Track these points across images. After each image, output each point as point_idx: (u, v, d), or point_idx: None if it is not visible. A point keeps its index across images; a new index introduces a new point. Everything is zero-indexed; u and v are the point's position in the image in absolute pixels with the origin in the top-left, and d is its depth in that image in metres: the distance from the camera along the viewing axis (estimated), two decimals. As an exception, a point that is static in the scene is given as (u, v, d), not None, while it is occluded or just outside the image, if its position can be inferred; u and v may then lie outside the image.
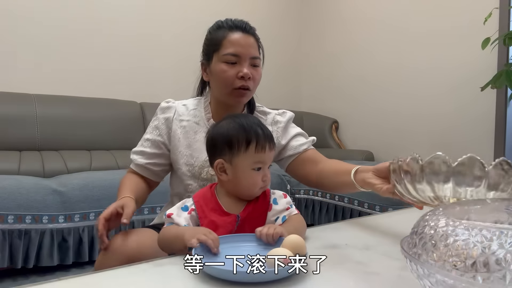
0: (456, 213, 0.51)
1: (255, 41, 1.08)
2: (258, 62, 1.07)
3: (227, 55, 1.04)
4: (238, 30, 1.05)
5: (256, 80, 1.08)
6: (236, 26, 1.06)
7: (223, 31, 1.06)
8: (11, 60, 2.52)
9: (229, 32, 1.05)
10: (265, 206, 0.89)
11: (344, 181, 1.00)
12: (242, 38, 1.05)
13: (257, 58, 1.07)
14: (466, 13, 2.67)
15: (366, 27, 3.37)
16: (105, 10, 2.83)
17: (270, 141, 0.87)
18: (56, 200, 1.74)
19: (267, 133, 0.87)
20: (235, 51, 1.03)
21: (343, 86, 3.57)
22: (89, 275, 0.67)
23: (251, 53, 1.05)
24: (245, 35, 1.05)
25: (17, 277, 1.72)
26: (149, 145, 1.13)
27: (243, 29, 1.06)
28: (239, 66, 1.04)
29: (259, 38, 1.11)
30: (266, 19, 3.67)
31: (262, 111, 1.19)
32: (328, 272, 0.67)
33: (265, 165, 0.87)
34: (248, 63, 1.05)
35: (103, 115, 2.60)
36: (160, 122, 1.13)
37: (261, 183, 0.86)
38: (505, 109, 2.50)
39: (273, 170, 2.44)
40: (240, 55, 1.04)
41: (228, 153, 0.85)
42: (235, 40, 1.04)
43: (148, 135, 1.14)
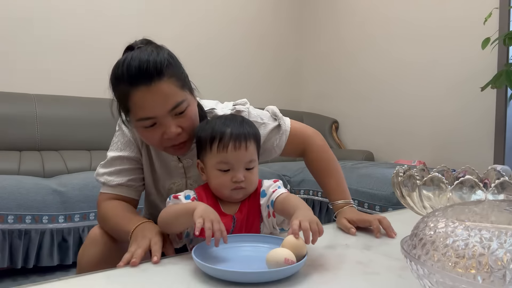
0: (456, 214, 0.51)
1: (168, 84, 0.83)
2: (182, 108, 0.85)
3: (141, 121, 0.85)
4: (140, 84, 0.81)
5: (191, 126, 0.89)
6: (136, 78, 0.81)
7: (124, 87, 0.83)
8: (11, 60, 2.52)
9: (130, 89, 0.82)
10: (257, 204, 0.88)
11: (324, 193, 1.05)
12: (148, 95, 0.81)
13: (179, 104, 0.84)
14: (466, 13, 2.67)
15: (366, 27, 3.37)
16: (105, 10, 2.83)
17: (237, 140, 0.81)
18: (56, 200, 1.74)
19: (236, 132, 0.82)
20: (147, 114, 0.83)
21: (343, 86, 3.57)
22: (89, 275, 0.67)
23: (167, 106, 0.83)
24: (151, 87, 0.81)
25: (17, 277, 1.72)
26: (124, 163, 0.98)
27: (146, 78, 0.81)
28: (161, 127, 0.85)
29: (175, 65, 0.86)
30: (265, 18, 3.67)
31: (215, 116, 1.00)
32: (328, 272, 0.67)
33: (234, 166, 0.82)
34: (169, 117, 0.85)
35: (103, 115, 2.59)
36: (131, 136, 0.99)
37: (231, 185, 0.82)
38: (505, 109, 2.50)
39: (273, 170, 2.47)
40: (155, 116, 0.83)
41: (200, 153, 0.87)
42: (141, 101, 0.82)
43: (119, 152, 0.99)
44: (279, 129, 1.05)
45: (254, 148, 0.86)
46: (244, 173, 0.83)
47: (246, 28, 3.54)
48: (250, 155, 0.84)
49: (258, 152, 0.89)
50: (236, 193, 0.84)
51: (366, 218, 0.92)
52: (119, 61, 0.86)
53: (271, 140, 1.04)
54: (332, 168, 1.07)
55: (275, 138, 1.05)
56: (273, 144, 1.05)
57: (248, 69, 3.56)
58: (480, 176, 0.99)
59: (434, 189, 0.87)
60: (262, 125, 1.03)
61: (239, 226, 0.85)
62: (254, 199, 0.89)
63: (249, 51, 3.56)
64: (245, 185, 0.84)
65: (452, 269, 0.43)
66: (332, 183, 1.04)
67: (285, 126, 1.06)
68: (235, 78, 3.43)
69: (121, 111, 0.90)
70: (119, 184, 0.98)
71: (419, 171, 1.00)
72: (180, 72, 0.88)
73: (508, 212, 0.50)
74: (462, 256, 0.43)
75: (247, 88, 3.45)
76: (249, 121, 0.90)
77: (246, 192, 0.86)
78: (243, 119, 0.89)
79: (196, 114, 0.92)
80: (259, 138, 0.89)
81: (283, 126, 1.06)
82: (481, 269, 0.41)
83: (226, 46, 3.39)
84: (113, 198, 0.98)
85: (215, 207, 0.85)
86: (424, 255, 0.47)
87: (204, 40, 3.22)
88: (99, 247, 0.92)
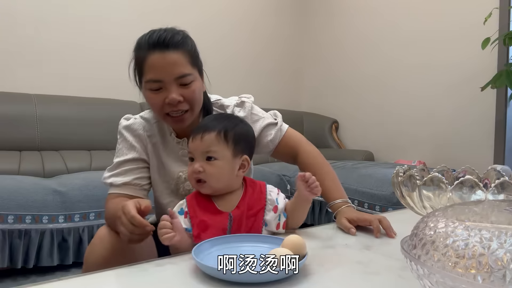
0: (456, 214, 0.51)
1: (181, 55, 0.93)
2: (188, 79, 0.93)
3: (149, 82, 0.93)
4: (156, 50, 0.91)
5: (192, 99, 0.96)
6: (154, 45, 0.92)
7: (142, 52, 0.94)
8: (11, 60, 2.52)
9: (147, 53, 0.92)
10: (261, 204, 0.89)
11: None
12: (162, 59, 0.91)
13: (185, 76, 0.93)
14: (466, 13, 2.67)
15: (366, 28, 3.37)
16: (105, 10, 2.83)
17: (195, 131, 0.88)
18: (56, 200, 1.74)
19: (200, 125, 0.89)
20: (156, 76, 0.92)
21: (343, 86, 3.57)
22: (89, 275, 0.67)
23: (175, 73, 0.92)
24: (166, 53, 0.91)
25: (17, 277, 1.72)
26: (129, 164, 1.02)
27: (163, 45, 0.91)
28: (165, 92, 0.93)
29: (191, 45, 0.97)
30: (264, 18, 3.67)
31: (221, 106, 1.10)
32: (328, 272, 0.67)
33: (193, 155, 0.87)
34: (175, 85, 0.92)
35: (103, 115, 2.60)
36: (133, 141, 1.04)
37: (192, 175, 0.86)
38: (505, 109, 2.50)
39: (273, 170, 2.47)
40: (162, 80, 0.92)
41: None
42: (154, 63, 0.92)
43: (124, 156, 1.02)
44: (275, 126, 1.11)
45: (214, 139, 0.86)
46: (202, 164, 0.85)
47: (249, 31, 3.54)
48: (205, 145, 0.86)
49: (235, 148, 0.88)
50: (201, 187, 0.87)
51: (367, 218, 0.92)
52: (145, 33, 0.96)
53: (266, 134, 1.09)
54: (326, 170, 1.08)
55: (269, 132, 1.09)
56: (268, 138, 1.09)
57: (249, 70, 3.56)
58: (480, 176, 0.99)
59: (434, 189, 0.87)
60: (261, 118, 1.10)
61: (237, 223, 0.85)
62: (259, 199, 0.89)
63: (251, 52, 3.57)
64: (205, 177, 0.85)
65: (452, 269, 0.43)
66: (328, 184, 1.04)
67: (281, 125, 1.12)
68: (236, 78, 3.43)
69: (136, 73, 0.98)
70: (124, 183, 1.00)
71: (419, 171, 1.00)
72: (194, 52, 0.98)
73: (508, 212, 0.50)
74: (462, 256, 0.43)
75: (248, 88, 3.44)
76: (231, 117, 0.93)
77: (211, 187, 0.86)
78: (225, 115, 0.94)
79: (201, 92, 0.99)
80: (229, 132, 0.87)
81: (279, 124, 1.12)
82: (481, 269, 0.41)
83: (229, 48, 3.39)
84: (119, 197, 0.99)
85: (209, 207, 0.85)
86: (424, 255, 0.47)
87: (206, 43, 3.19)
88: (107, 246, 0.92)
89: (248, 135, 0.94)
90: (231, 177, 0.88)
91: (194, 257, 0.65)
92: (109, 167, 1.04)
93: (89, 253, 0.94)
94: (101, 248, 0.92)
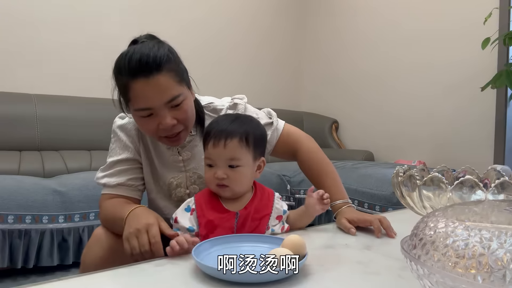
0: (456, 214, 0.51)
1: (166, 77, 0.87)
2: (178, 101, 0.89)
3: (139, 111, 0.89)
4: (139, 77, 0.85)
5: (186, 119, 0.93)
6: (136, 71, 0.85)
7: (124, 78, 0.88)
8: (11, 60, 2.52)
9: (130, 80, 0.86)
10: (268, 210, 0.89)
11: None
12: (147, 86, 0.85)
13: (175, 98, 0.88)
14: (466, 13, 2.67)
15: (366, 28, 3.37)
16: (105, 10, 2.83)
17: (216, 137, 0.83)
18: (56, 200, 1.74)
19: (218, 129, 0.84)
20: (144, 105, 0.87)
21: (343, 86, 3.57)
22: (89, 275, 0.67)
23: (164, 98, 0.87)
24: (150, 80, 0.85)
25: (17, 277, 1.72)
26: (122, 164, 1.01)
27: (145, 70, 0.85)
28: (157, 118, 0.89)
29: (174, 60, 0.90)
30: (266, 19, 3.66)
31: (213, 109, 1.06)
32: (328, 272, 0.67)
33: (216, 162, 0.84)
34: (166, 109, 0.88)
35: (103, 115, 2.59)
36: (127, 141, 1.02)
37: (214, 180, 0.84)
38: (505, 109, 2.50)
39: (273, 170, 2.47)
40: (153, 107, 0.87)
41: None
42: (140, 92, 0.86)
43: (117, 156, 1.01)
44: (271, 126, 1.09)
45: (237, 146, 0.84)
46: (226, 171, 0.84)
47: (247, 29, 3.54)
48: (230, 153, 0.84)
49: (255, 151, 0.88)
50: (222, 191, 0.85)
51: (367, 218, 0.92)
52: (122, 54, 0.90)
53: None
54: (326, 168, 1.07)
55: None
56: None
57: (249, 70, 3.56)
58: (480, 176, 0.99)
59: (434, 189, 0.87)
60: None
61: (242, 222, 0.85)
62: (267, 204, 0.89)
63: (249, 51, 3.56)
64: (228, 183, 0.84)
65: (452, 269, 0.43)
66: (328, 183, 1.04)
67: (277, 124, 1.10)
68: (236, 78, 3.43)
69: (121, 100, 0.94)
70: (118, 183, 0.99)
71: (419, 171, 1.00)
72: (179, 67, 0.92)
73: (508, 212, 0.50)
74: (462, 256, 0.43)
75: (248, 88, 3.44)
76: (245, 119, 0.90)
77: (233, 191, 0.86)
78: (238, 117, 0.90)
79: (192, 108, 0.95)
80: (250, 137, 0.86)
81: (275, 123, 1.10)
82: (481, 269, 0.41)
83: (227, 47, 3.39)
84: (113, 198, 0.99)
85: (217, 207, 0.86)
86: (424, 255, 0.47)
87: (204, 41, 3.22)
88: (104, 246, 0.92)
89: (265, 136, 0.94)
90: (251, 180, 0.89)
91: (194, 257, 0.65)
92: (102, 167, 1.03)
93: (86, 253, 0.95)
94: (98, 248, 0.92)
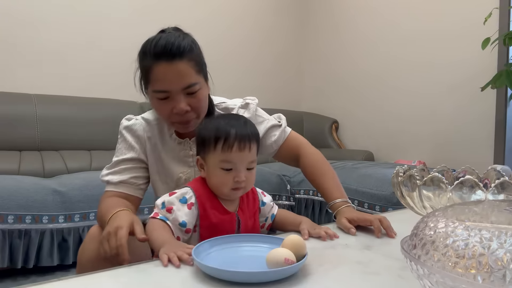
0: (456, 214, 0.51)
1: (187, 65, 0.92)
2: (195, 88, 0.94)
3: (156, 92, 0.94)
4: (163, 59, 0.90)
5: (199, 107, 0.97)
6: (160, 54, 0.91)
7: (148, 60, 0.93)
8: (11, 60, 2.52)
9: (153, 63, 0.92)
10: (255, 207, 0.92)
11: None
12: (168, 70, 0.91)
13: (192, 85, 0.93)
14: (466, 13, 2.67)
15: (366, 28, 3.37)
16: (105, 10, 2.83)
17: (242, 141, 0.83)
18: (56, 200, 1.74)
19: (241, 133, 0.84)
20: (163, 87, 0.92)
21: (343, 86, 3.57)
22: (89, 275, 0.67)
23: (182, 84, 0.92)
24: (172, 64, 0.90)
25: (17, 277, 1.72)
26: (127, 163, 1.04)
27: (169, 55, 0.90)
28: (172, 102, 0.93)
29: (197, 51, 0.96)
30: (266, 20, 3.67)
31: (225, 108, 1.10)
32: (328, 272, 0.67)
33: (236, 165, 0.84)
34: (182, 94, 0.93)
35: (103, 115, 2.60)
36: (133, 141, 1.05)
37: (231, 184, 0.83)
38: (505, 109, 2.50)
39: (273, 170, 2.47)
40: (170, 90, 0.92)
41: (202, 150, 0.88)
42: (161, 74, 0.91)
43: (123, 156, 1.04)
44: (280, 127, 1.13)
45: (255, 149, 0.88)
46: (245, 173, 0.85)
47: (247, 29, 3.54)
48: (252, 156, 0.86)
49: (258, 152, 0.91)
50: (235, 193, 0.86)
51: (367, 218, 0.92)
52: (149, 39, 0.96)
53: (270, 135, 1.12)
54: (327, 170, 1.09)
55: (273, 134, 1.12)
56: (272, 139, 1.11)
57: (249, 70, 3.56)
58: (480, 176, 0.99)
59: (434, 189, 0.87)
60: (266, 120, 1.13)
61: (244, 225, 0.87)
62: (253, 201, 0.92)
63: (250, 51, 3.56)
64: (245, 184, 0.85)
65: (452, 269, 0.43)
66: (329, 183, 1.05)
67: (285, 127, 1.14)
68: (236, 78, 3.43)
69: (142, 81, 0.98)
70: (121, 181, 1.01)
71: (419, 171, 1.00)
72: (200, 58, 0.97)
73: (508, 212, 0.50)
74: (462, 256, 0.43)
75: (248, 88, 3.44)
76: (251, 122, 0.91)
77: (244, 192, 0.88)
78: (246, 120, 0.90)
79: (206, 99, 1.00)
80: (259, 139, 0.91)
81: (283, 126, 1.14)
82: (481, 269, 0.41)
83: (228, 47, 3.39)
84: (115, 195, 1.00)
85: (217, 205, 0.86)
86: (424, 255, 0.47)
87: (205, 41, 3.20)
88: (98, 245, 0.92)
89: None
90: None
91: (194, 257, 0.65)
92: (108, 166, 1.05)
93: (82, 252, 0.95)
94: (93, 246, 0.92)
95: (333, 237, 0.85)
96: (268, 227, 0.95)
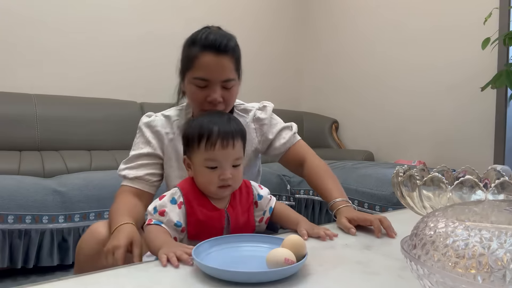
0: (456, 214, 0.51)
1: (230, 61, 1.00)
2: (231, 84, 1.01)
3: (197, 79, 0.99)
4: (210, 51, 0.97)
5: (230, 101, 1.03)
6: (209, 46, 0.97)
7: (196, 49, 0.99)
8: (11, 60, 2.52)
9: (201, 52, 0.98)
10: (249, 202, 0.91)
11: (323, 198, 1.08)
12: (214, 61, 0.97)
13: (230, 80, 1.00)
14: (466, 13, 2.67)
15: (366, 28, 3.37)
16: (105, 10, 2.83)
17: (225, 138, 0.83)
18: (56, 200, 1.74)
19: (224, 130, 0.84)
20: (205, 75, 0.98)
21: (343, 86, 3.57)
22: (89, 275, 0.67)
23: (222, 76, 0.99)
24: (218, 57, 0.98)
25: (17, 277, 1.72)
26: (143, 158, 1.08)
27: (217, 48, 0.97)
28: (209, 90, 0.99)
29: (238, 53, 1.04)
30: (264, 17, 3.67)
31: (243, 109, 1.16)
32: (328, 272, 0.67)
33: (221, 163, 0.83)
34: (219, 86, 0.99)
35: (103, 115, 2.60)
36: (150, 137, 1.09)
37: (217, 182, 0.83)
38: (505, 109, 2.50)
39: (273, 170, 2.47)
40: (210, 80, 0.98)
41: (187, 149, 0.88)
42: (206, 63, 0.97)
43: (140, 150, 1.09)
44: (291, 130, 1.19)
45: (240, 145, 0.87)
46: (231, 171, 0.84)
47: (247, 29, 3.54)
48: (237, 153, 0.86)
49: (244, 149, 0.90)
50: (223, 191, 0.85)
51: (367, 217, 0.92)
52: (199, 30, 1.03)
53: (280, 136, 1.16)
54: (329, 174, 1.11)
55: (284, 136, 1.16)
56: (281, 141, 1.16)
57: (249, 69, 3.53)
58: (480, 176, 0.99)
59: (434, 189, 0.87)
60: (279, 123, 1.18)
61: (234, 222, 0.86)
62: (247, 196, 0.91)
63: (250, 51, 3.53)
64: (231, 182, 0.85)
65: (452, 269, 0.43)
66: (330, 184, 1.07)
67: (295, 133, 1.19)
68: (235, 78, 3.43)
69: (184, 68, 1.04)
70: (136, 177, 1.05)
71: (419, 171, 1.00)
72: (239, 59, 1.05)
73: (508, 212, 0.50)
74: (462, 256, 0.43)
75: (248, 88, 3.44)
76: (236, 119, 0.92)
77: (232, 190, 0.88)
78: (230, 117, 0.91)
79: (237, 95, 1.06)
80: (245, 135, 0.90)
81: (294, 130, 1.19)
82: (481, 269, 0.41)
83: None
84: (130, 191, 1.04)
85: (205, 202, 0.85)
86: (424, 255, 0.47)
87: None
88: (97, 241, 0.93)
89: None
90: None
91: (194, 257, 0.65)
92: (125, 160, 1.09)
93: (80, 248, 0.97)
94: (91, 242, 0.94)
95: (332, 237, 0.85)
96: (267, 221, 0.94)
